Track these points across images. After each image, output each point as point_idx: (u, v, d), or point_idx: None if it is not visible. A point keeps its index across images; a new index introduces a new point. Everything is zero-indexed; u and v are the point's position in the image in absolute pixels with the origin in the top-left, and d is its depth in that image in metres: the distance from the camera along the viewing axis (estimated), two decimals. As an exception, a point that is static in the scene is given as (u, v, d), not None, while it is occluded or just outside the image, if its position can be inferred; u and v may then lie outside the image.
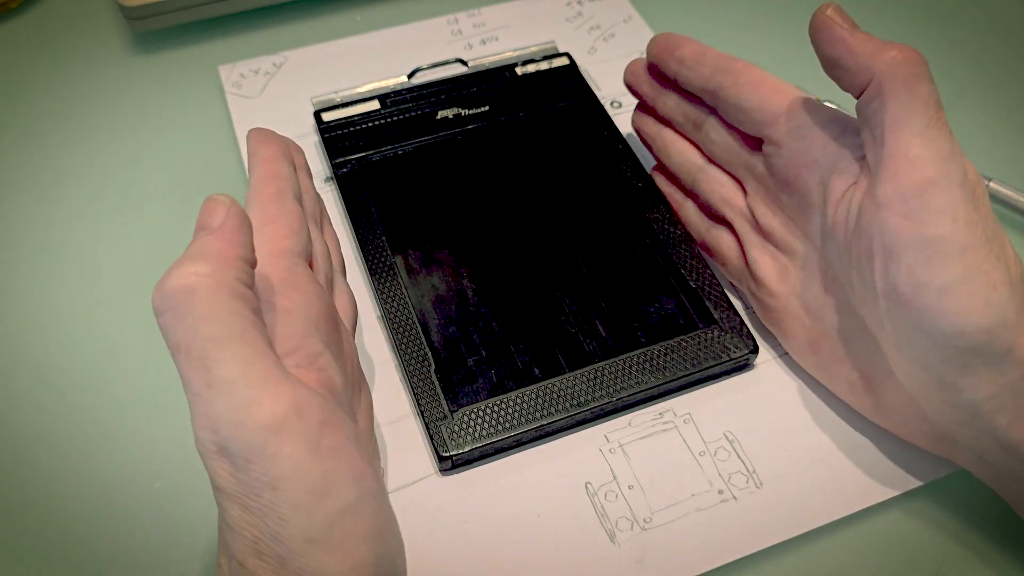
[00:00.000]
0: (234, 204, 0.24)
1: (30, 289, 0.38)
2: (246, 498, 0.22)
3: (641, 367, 0.33)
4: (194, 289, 0.22)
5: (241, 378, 0.22)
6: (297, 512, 0.21)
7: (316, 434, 0.22)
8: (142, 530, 0.31)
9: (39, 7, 0.51)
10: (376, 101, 0.43)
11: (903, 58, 0.27)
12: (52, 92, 0.46)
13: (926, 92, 0.27)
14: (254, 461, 0.21)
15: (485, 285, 0.36)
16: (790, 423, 0.33)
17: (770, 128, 0.32)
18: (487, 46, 0.48)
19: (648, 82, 0.38)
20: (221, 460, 0.22)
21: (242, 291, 0.23)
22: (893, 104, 0.27)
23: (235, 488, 0.22)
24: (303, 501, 0.22)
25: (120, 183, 0.42)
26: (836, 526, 0.31)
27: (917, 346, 0.27)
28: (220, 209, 0.24)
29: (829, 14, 0.29)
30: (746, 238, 0.34)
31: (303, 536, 0.22)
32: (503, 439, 0.32)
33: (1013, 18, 0.51)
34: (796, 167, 0.31)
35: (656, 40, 0.36)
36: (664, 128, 0.38)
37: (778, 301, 0.33)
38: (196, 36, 0.49)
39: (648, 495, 0.31)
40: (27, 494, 0.32)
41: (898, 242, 0.26)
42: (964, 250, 0.25)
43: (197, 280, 0.22)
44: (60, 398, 0.35)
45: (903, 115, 0.26)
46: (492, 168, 0.40)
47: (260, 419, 0.21)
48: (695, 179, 0.37)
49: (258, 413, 0.21)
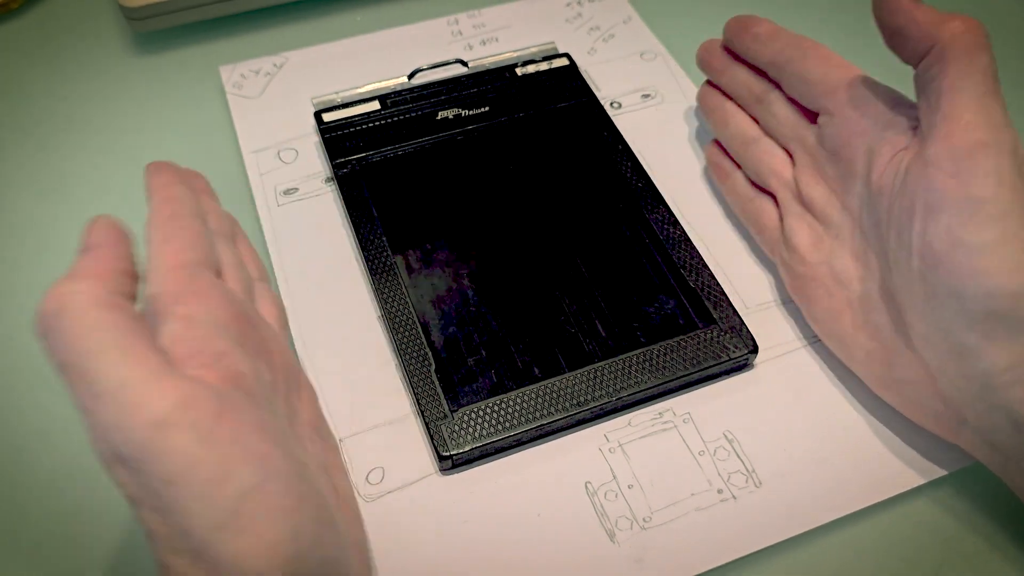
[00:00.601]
0: (111, 222, 0.25)
1: (31, 289, 0.38)
2: (150, 499, 0.22)
3: (641, 367, 0.33)
4: (65, 307, 0.22)
5: (121, 384, 0.22)
6: (198, 502, 0.21)
7: (208, 423, 0.22)
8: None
9: (40, 8, 0.51)
10: (376, 102, 0.43)
11: (966, 27, 0.28)
12: (53, 92, 0.47)
13: (986, 62, 0.28)
14: (146, 460, 0.21)
15: (485, 285, 0.36)
16: (789, 423, 0.33)
17: (829, 99, 0.34)
18: (487, 47, 0.48)
19: (720, 56, 0.40)
20: (119, 468, 0.22)
21: (117, 302, 0.23)
22: (953, 70, 0.28)
23: (137, 492, 0.22)
24: (201, 490, 0.21)
25: (120, 183, 0.42)
26: (836, 526, 0.31)
27: (944, 309, 0.28)
28: (99, 229, 0.25)
29: None
30: (787, 207, 0.36)
31: (208, 524, 0.21)
32: (503, 439, 0.32)
33: (1013, 18, 0.51)
34: (847, 135, 0.33)
35: (731, 22, 0.39)
36: (726, 101, 0.40)
37: (808, 269, 0.34)
38: (197, 37, 0.49)
39: (648, 494, 0.31)
40: (27, 493, 0.33)
41: (942, 199, 0.27)
42: (1005, 214, 0.26)
43: (68, 298, 0.23)
44: (60, 398, 0.35)
45: (961, 82, 0.28)
46: (492, 168, 0.40)
47: (145, 418, 0.21)
48: (748, 150, 0.38)
49: (142, 413, 0.21)
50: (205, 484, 0.22)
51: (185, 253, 0.28)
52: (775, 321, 0.36)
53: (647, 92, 0.46)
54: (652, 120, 0.44)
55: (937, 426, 0.31)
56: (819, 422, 0.33)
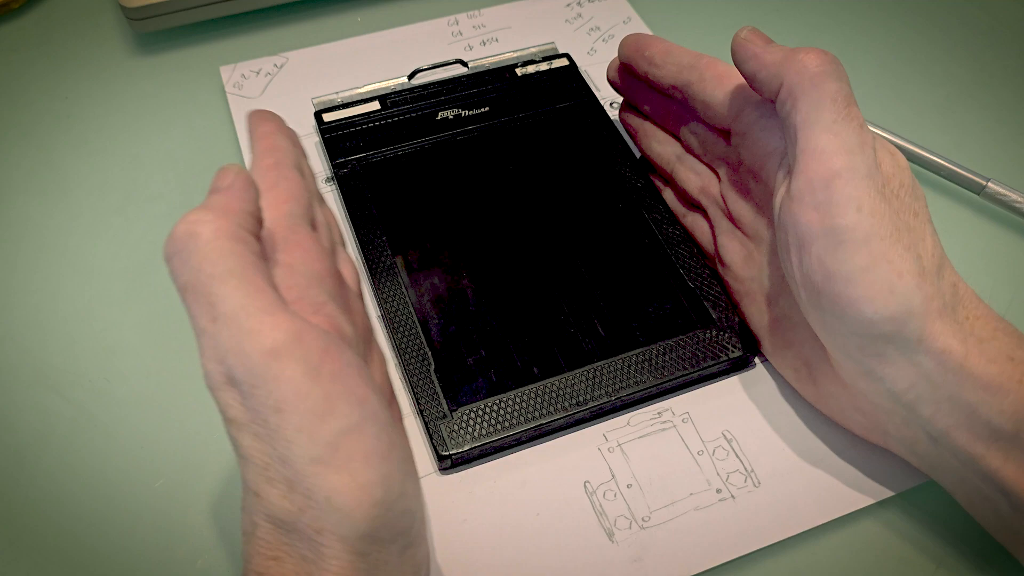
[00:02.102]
0: (242, 170, 0.26)
1: (30, 288, 0.39)
2: (254, 425, 0.23)
3: (640, 367, 0.33)
4: (197, 233, 0.24)
5: (242, 310, 0.23)
6: (301, 433, 0.22)
7: (316, 359, 0.23)
8: (142, 530, 0.32)
9: (41, 8, 0.51)
10: (377, 102, 0.43)
11: (810, 59, 0.28)
12: (53, 92, 0.47)
13: (834, 89, 0.28)
14: (258, 386, 0.22)
15: (485, 285, 0.36)
16: (788, 423, 0.33)
17: (734, 120, 0.33)
18: (487, 47, 0.48)
19: (629, 77, 0.39)
20: (229, 390, 0.23)
21: (243, 236, 0.24)
22: (802, 104, 0.28)
23: (243, 416, 0.23)
24: (306, 422, 0.22)
25: (121, 183, 0.42)
26: (834, 525, 0.31)
27: (836, 335, 0.28)
28: (230, 174, 0.26)
29: (744, 36, 0.31)
30: (718, 224, 0.36)
31: (308, 456, 0.22)
32: (502, 438, 0.32)
33: (1013, 18, 0.51)
34: (759, 156, 0.32)
35: (626, 41, 0.38)
36: (645, 121, 0.40)
37: (742, 285, 0.35)
38: (197, 37, 0.49)
39: (646, 494, 0.31)
40: (27, 494, 0.33)
41: (808, 233, 0.27)
42: (868, 239, 0.26)
43: (200, 226, 0.24)
44: (60, 398, 0.35)
45: (812, 114, 0.28)
46: (492, 169, 0.40)
47: (261, 345, 0.22)
48: (674, 168, 0.38)
49: (259, 339, 0.22)
50: (310, 416, 0.22)
51: (288, 203, 0.29)
52: (774, 321, 0.36)
53: (647, 92, 0.46)
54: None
55: (866, 434, 0.31)
56: (818, 422, 0.33)
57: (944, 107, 0.46)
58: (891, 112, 0.45)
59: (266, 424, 0.23)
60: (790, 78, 0.28)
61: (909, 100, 0.46)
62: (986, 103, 0.46)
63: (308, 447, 0.22)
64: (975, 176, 0.41)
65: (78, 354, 0.36)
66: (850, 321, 0.27)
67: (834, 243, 0.27)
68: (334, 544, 0.23)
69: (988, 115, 0.45)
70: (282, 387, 0.22)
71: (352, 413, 0.23)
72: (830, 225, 0.27)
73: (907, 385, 0.27)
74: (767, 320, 0.34)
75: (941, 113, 0.46)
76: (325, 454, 0.22)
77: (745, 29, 0.31)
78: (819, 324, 0.29)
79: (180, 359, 0.36)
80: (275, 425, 0.22)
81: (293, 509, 0.23)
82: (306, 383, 0.23)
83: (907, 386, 0.27)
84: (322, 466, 0.22)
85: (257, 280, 0.24)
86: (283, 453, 0.23)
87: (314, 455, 0.22)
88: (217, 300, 0.23)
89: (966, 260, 0.38)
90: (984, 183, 0.40)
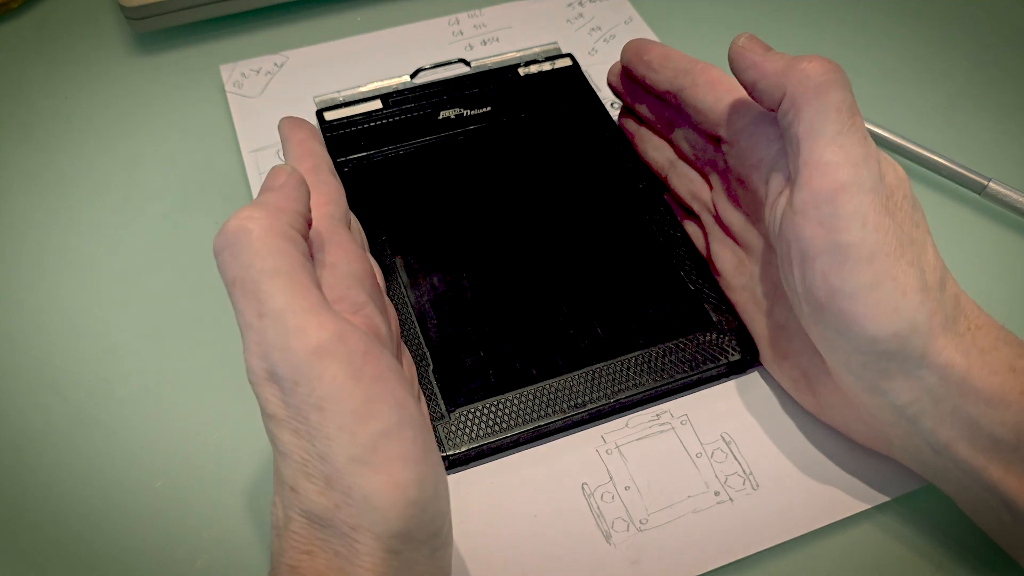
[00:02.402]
0: (295, 171, 0.27)
1: (31, 289, 0.39)
2: (294, 421, 0.23)
3: (639, 369, 0.33)
4: (249, 229, 0.24)
5: (288, 308, 0.23)
6: (342, 432, 0.23)
7: (359, 361, 0.24)
8: (142, 530, 0.32)
9: (40, 8, 0.51)
10: (378, 101, 0.43)
11: (813, 69, 0.27)
12: (53, 92, 0.47)
13: (838, 99, 0.27)
14: (301, 383, 0.23)
15: (484, 286, 0.36)
16: (788, 426, 0.33)
17: (723, 127, 0.33)
18: (488, 47, 0.48)
19: (627, 81, 0.39)
20: (271, 386, 0.24)
21: (293, 235, 0.25)
22: (806, 115, 0.27)
23: (284, 413, 0.24)
24: (347, 421, 0.23)
25: (121, 183, 0.43)
26: (833, 529, 0.31)
27: (839, 351, 0.28)
28: (282, 174, 0.27)
29: (742, 44, 0.30)
30: (711, 231, 0.36)
31: (348, 455, 0.23)
32: (500, 439, 0.32)
33: (1013, 18, 0.51)
34: (747, 165, 0.32)
35: (628, 46, 0.38)
36: (641, 127, 0.40)
37: (735, 294, 0.35)
38: (197, 36, 0.49)
39: (644, 496, 0.31)
40: (27, 494, 0.33)
41: (812, 247, 0.27)
42: (873, 256, 0.26)
43: (251, 222, 0.24)
44: (61, 398, 0.35)
45: (816, 125, 0.27)
46: (494, 169, 0.40)
47: (306, 344, 0.23)
48: (668, 174, 0.38)
49: (304, 338, 0.23)
50: (351, 416, 0.23)
51: (328, 205, 0.30)
52: (774, 323, 0.36)
53: (647, 92, 0.46)
54: (652, 120, 0.44)
55: (870, 443, 0.31)
56: (817, 425, 0.33)
57: (945, 107, 0.46)
58: (892, 112, 0.45)
59: (307, 421, 0.23)
60: (792, 88, 0.28)
61: (910, 100, 0.46)
62: (987, 103, 0.46)
63: (348, 446, 0.23)
64: (976, 176, 0.41)
65: (78, 354, 0.36)
66: (853, 338, 0.27)
67: (839, 259, 0.26)
68: (368, 541, 0.23)
69: (989, 115, 0.45)
70: (325, 386, 0.23)
71: (391, 416, 0.23)
72: (835, 240, 0.26)
73: (910, 399, 0.27)
74: (763, 329, 0.34)
75: (942, 113, 0.46)
76: (364, 454, 0.23)
77: (743, 36, 0.30)
78: (820, 339, 0.28)
79: (180, 359, 0.36)
80: (316, 423, 0.23)
81: (329, 505, 0.23)
82: (349, 383, 0.23)
83: (910, 400, 0.27)
84: (361, 465, 0.23)
85: (304, 279, 0.24)
86: (323, 450, 0.23)
87: (354, 454, 0.23)
88: (265, 297, 0.24)
89: (966, 260, 0.38)
90: (985, 183, 0.40)
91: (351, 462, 0.23)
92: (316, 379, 0.23)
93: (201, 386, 0.35)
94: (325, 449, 0.23)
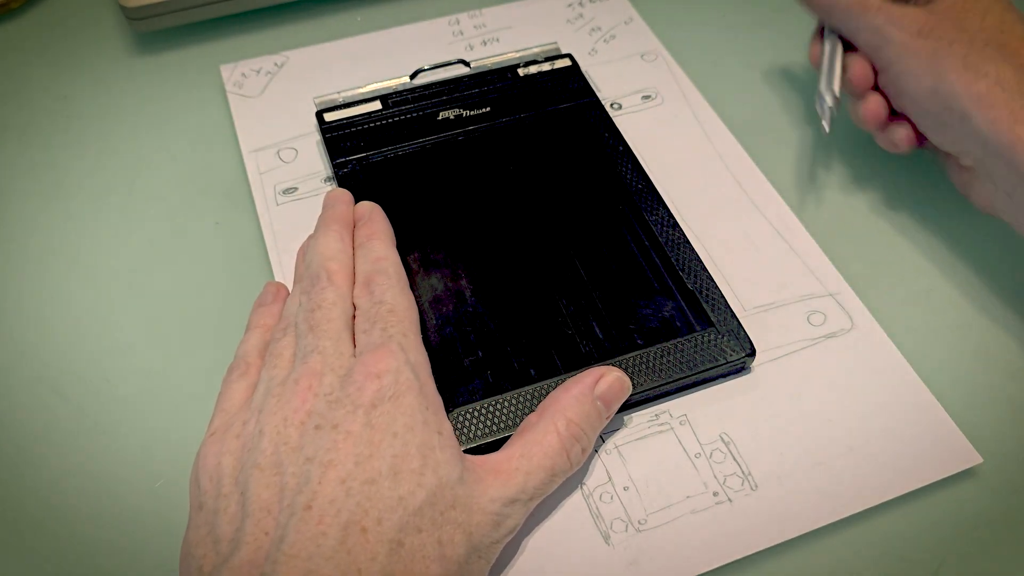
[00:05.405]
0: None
1: (33, 289, 0.39)
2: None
3: (637, 369, 0.33)
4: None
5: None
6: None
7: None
8: (142, 530, 0.32)
9: (41, 8, 0.51)
10: (378, 101, 0.43)
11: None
12: (54, 92, 0.47)
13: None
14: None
15: (483, 286, 0.36)
16: (786, 426, 0.33)
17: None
18: (488, 47, 0.48)
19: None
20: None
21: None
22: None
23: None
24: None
25: (122, 183, 0.43)
26: (832, 529, 0.31)
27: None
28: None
29: None
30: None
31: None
32: (498, 439, 0.32)
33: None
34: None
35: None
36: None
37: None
38: (197, 36, 0.49)
39: (643, 497, 0.31)
40: (27, 493, 0.33)
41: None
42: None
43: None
44: (62, 398, 0.35)
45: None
46: (493, 169, 0.40)
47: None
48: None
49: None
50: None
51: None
52: (773, 324, 0.36)
53: (648, 93, 0.46)
54: (652, 121, 0.44)
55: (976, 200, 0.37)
56: (815, 425, 0.33)
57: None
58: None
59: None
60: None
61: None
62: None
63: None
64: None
65: (78, 354, 0.36)
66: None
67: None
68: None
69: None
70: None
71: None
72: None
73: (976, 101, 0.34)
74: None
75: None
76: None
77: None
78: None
79: (180, 359, 0.36)
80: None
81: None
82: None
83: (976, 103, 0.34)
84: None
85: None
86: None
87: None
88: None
89: (967, 260, 0.38)
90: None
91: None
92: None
93: (202, 386, 0.35)
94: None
